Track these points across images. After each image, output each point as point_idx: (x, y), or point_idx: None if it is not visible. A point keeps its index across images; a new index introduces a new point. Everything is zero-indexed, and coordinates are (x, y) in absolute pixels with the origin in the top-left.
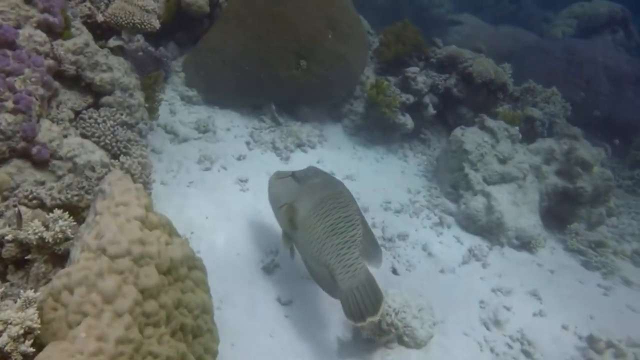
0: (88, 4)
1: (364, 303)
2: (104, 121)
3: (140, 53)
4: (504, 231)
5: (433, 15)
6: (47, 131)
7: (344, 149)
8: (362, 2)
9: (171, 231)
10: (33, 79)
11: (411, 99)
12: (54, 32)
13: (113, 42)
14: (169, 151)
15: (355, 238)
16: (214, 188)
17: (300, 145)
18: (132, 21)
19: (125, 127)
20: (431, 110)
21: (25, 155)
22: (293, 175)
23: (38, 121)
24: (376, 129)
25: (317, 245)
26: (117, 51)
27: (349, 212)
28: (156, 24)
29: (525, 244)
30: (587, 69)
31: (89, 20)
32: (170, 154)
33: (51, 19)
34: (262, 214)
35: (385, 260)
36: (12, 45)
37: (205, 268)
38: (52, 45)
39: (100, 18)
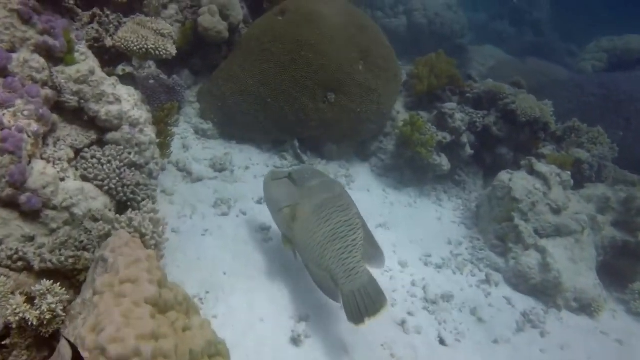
0: (96, 25)
1: (364, 304)
2: (109, 161)
3: (152, 81)
4: (561, 292)
5: (455, 46)
6: (39, 175)
7: (373, 191)
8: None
9: (189, 308)
10: (26, 112)
11: (448, 137)
12: (54, 57)
13: (122, 69)
14: (181, 192)
15: (357, 242)
16: (233, 237)
17: None
18: (145, 46)
19: (133, 168)
20: (469, 150)
21: (11, 204)
22: (290, 176)
23: (29, 162)
24: (407, 170)
25: (318, 250)
26: (127, 79)
27: (350, 216)
28: (172, 50)
29: (585, 307)
30: (627, 106)
31: (96, 44)
32: (183, 196)
33: (51, 42)
34: (289, 269)
35: (430, 327)
36: (3, 72)
37: (228, 351)
38: (51, 72)
39: (109, 42)
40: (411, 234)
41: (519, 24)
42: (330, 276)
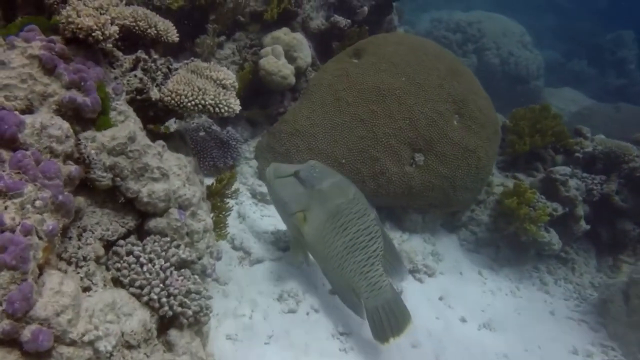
0: (140, 73)
1: (389, 322)
2: (151, 260)
3: (202, 133)
4: None
5: (529, 89)
6: (53, 295)
7: (467, 274)
8: None
9: None
10: (38, 203)
11: (559, 209)
12: (83, 118)
13: (171, 127)
14: (237, 280)
15: (377, 252)
16: (304, 347)
17: (414, 272)
18: (203, 102)
19: (183, 267)
20: (584, 225)
21: (10, 342)
22: (297, 175)
23: (40, 275)
24: (505, 246)
25: (337, 261)
26: (176, 141)
27: (368, 223)
28: (236, 106)
29: None
30: None
31: (138, 97)
32: (240, 285)
33: (80, 99)
34: None
35: None
36: (11, 144)
37: None
38: (78, 140)
39: (155, 94)
40: (524, 337)
41: (600, 63)
42: (351, 289)
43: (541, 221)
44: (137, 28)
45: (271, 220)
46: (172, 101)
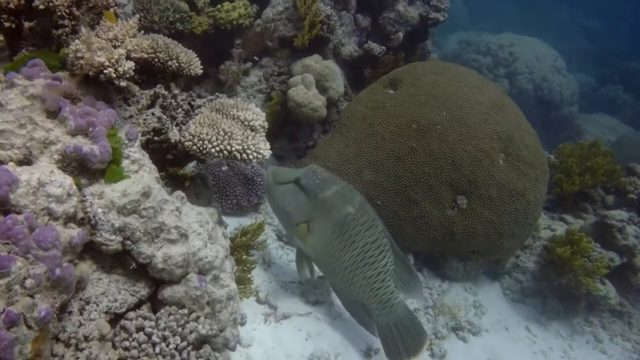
0: (158, 111)
1: (402, 341)
2: (165, 339)
3: (225, 168)
4: None
5: (563, 115)
6: None
7: (514, 330)
8: None
9: None
10: (29, 283)
11: (616, 259)
12: (90, 170)
13: (189, 170)
14: (262, 341)
15: (388, 268)
16: None
17: (457, 329)
18: (229, 148)
19: (202, 345)
20: None
21: None
22: (297, 183)
23: None
24: (553, 296)
25: (346, 276)
26: (197, 185)
27: (376, 236)
28: (266, 151)
29: None
30: None
31: (156, 138)
32: (265, 347)
33: (87, 148)
34: None
35: None
36: (1, 206)
37: None
38: (83, 196)
39: (174, 135)
40: None
41: (635, 88)
42: (361, 304)
43: (598, 274)
44: (156, 60)
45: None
46: (194, 146)
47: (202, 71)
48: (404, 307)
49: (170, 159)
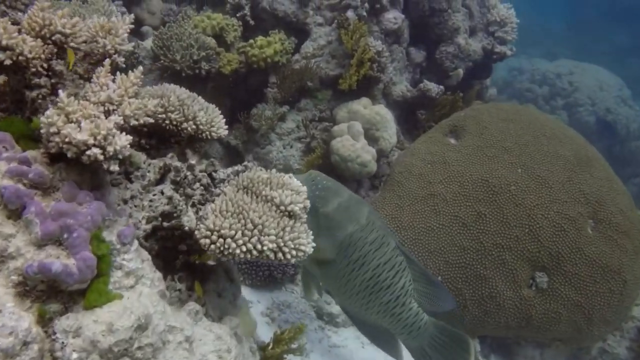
0: (169, 189)
1: (446, 356)
2: None
3: None
4: None
5: (629, 151)
6: None
7: None
8: None
9: None
10: None
11: None
12: (64, 292)
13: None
14: None
15: (407, 289)
16: None
17: None
18: (259, 247)
19: None
20: None
21: None
22: None
23: None
24: None
25: (359, 301)
26: (220, 281)
27: (389, 255)
28: (308, 247)
29: None
30: None
31: (165, 224)
32: None
33: (58, 265)
34: None
35: None
36: None
37: None
38: (52, 333)
39: (189, 221)
40: None
41: None
42: (381, 327)
43: None
44: (167, 122)
45: (344, 353)
46: (213, 245)
47: (226, 132)
48: (433, 324)
49: (184, 250)
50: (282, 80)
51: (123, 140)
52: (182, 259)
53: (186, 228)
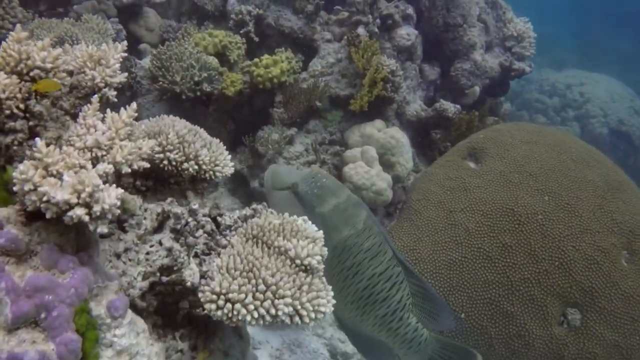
0: (168, 239)
1: None
2: None
3: None
4: None
5: None
6: None
7: None
8: None
9: None
10: None
11: None
12: None
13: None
14: None
15: (404, 302)
16: None
17: None
18: (273, 312)
19: None
20: None
21: None
22: (294, 190)
23: None
24: None
25: (353, 311)
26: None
27: (385, 265)
28: (328, 307)
29: None
30: None
31: (164, 278)
32: None
33: (32, 354)
34: None
35: None
36: None
37: None
38: None
39: (192, 277)
40: None
41: None
42: (378, 342)
43: None
44: (166, 163)
45: None
46: (220, 312)
47: (232, 170)
48: (435, 339)
49: (187, 309)
50: (288, 99)
51: (113, 198)
52: (183, 312)
53: (188, 284)
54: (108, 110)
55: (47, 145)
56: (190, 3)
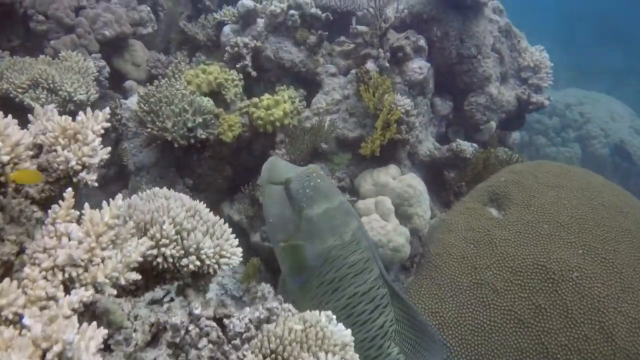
0: (164, 355)
1: None
2: None
3: None
4: None
5: None
6: None
7: None
8: None
9: None
10: None
11: None
12: None
13: None
14: None
15: (387, 329)
16: None
17: None
18: None
19: None
20: None
21: None
22: (287, 187)
23: None
24: None
25: None
26: None
27: (370, 284)
28: None
29: None
30: None
31: None
32: None
33: None
34: None
35: None
36: None
37: None
38: None
39: None
40: None
41: None
42: None
43: None
44: (160, 261)
45: None
46: None
47: (240, 258)
48: None
49: None
50: (291, 140)
51: (92, 350)
52: None
53: None
54: (86, 206)
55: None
56: (178, 30)
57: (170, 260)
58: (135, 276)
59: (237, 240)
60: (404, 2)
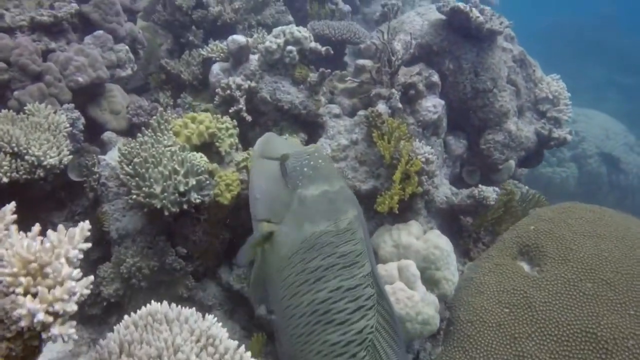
0: None
1: None
2: None
3: None
4: None
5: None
6: None
7: None
8: None
9: None
10: None
11: None
12: None
13: None
14: None
15: (365, 335)
16: None
17: None
18: None
19: None
20: None
21: None
22: (282, 162)
23: None
24: None
25: (298, 328)
26: None
27: (357, 281)
28: None
29: None
30: None
31: None
32: None
33: None
34: None
35: None
36: None
37: None
38: None
39: None
40: None
41: None
42: None
43: None
44: None
45: None
46: None
47: None
48: None
49: None
50: None
51: None
52: None
53: None
54: None
55: None
56: (158, 66)
57: None
58: None
59: None
60: (409, 32)
